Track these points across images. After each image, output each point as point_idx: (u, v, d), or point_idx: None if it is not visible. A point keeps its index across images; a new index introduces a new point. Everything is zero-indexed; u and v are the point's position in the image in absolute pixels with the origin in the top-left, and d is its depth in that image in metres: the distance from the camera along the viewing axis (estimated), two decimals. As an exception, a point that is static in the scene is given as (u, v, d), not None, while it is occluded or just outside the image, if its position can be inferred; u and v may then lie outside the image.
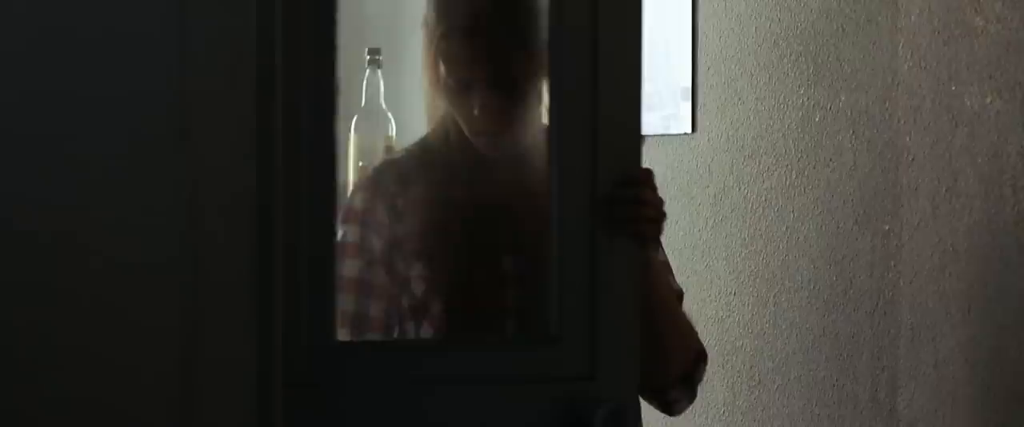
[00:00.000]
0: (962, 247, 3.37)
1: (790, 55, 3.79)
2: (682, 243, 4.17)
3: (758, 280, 3.92)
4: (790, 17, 3.79)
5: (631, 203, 2.08)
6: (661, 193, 4.24)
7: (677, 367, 2.41)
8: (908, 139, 3.47)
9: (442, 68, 2.26)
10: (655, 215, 2.15)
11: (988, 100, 3.30)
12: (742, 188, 3.96)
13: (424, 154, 2.42)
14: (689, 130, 4.12)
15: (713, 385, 4.06)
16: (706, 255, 4.09)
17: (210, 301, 1.45)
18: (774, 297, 3.87)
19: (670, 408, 2.48)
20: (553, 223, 2.05)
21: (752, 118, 3.92)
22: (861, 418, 3.62)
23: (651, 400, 2.45)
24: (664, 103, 4.20)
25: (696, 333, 2.47)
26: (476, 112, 2.26)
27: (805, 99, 3.75)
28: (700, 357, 2.45)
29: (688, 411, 4.12)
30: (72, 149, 1.37)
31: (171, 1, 1.41)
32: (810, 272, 3.76)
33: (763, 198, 3.90)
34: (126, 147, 1.39)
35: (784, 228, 3.83)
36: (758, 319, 3.92)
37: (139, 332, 1.42)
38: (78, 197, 1.38)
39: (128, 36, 1.39)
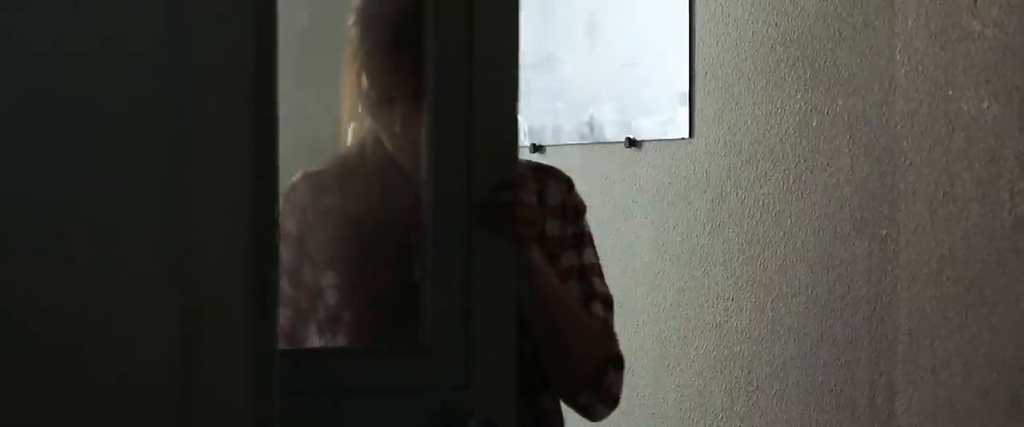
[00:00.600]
0: (959, 251, 3.37)
1: (787, 60, 3.80)
2: (680, 249, 4.17)
3: (756, 285, 3.92)
4: (787, 22, 3.79)
5: (506, 205, 2.04)
6: (659, 198, 4.27)
7: (580, 371, 2.37)
8: (905, 144, 3.48)
9: (365, 82, 2.26)
10: (530, 217, 2.10)
11: (985, 104, 3.30)
12: (739, 193, 3.96)
13: (341, 167, 2.43)
14: (686, 135, 4.12)
15: (711, 391, 4.06)
16: (704, 260, 4.09)
17: (207, 310, 1.45)
18: (772, 302, 3.87)
19: (587, 413, 2.44)
20: (428, 232, 2.01)
21: (749, 123, 3.92)
22: (859, 423, 3.61)
23: (568, 404, 2.43)
24: (661, 108, 4.20)
25: (607, 337, 2.42)
26: (398, 128, 2.26)
27: (802, 104, 3.76)
28: (610, 361, 2.40)
29: (686, 416, 4.14)
30: (66, 156, 1.37)
31: (169, 9, 1.41)
32: (808, 277, 3.76)
33: (760, 203, 3.90)
34: (122, 154, 1.39)
35: (782, 233, 3.83)
36: (756, 324, 3.92)
37: (135, 341, 1.42)
38: (73, 204, 1.38)
39: (124, 44, 1.39)
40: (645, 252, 4.30)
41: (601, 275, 2.46)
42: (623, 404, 4.40)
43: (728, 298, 4.01)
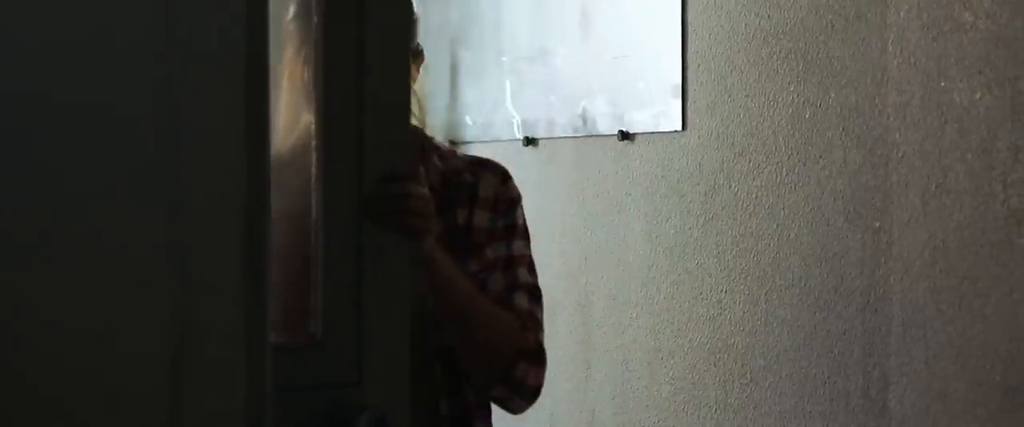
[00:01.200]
0: (952, 243, 3.38)
1: (780, 52, 3.80)
2: (673, 241, 4.17)
3: (749, 278, 3.92)
4: (780, 14, 3.79)
5: (395, 197, 1.98)
6: (652, 190, 4.27)
7: (489, 364, 2.34)
8: (898, 135, 3.48)
9: (308, 76, 2.24)
10: (420, 208, 2.05)
11: (977, 96, 3.31)
12: (733, 186, 3.96)
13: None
14: (679, 127, 4.12)
15: (705, 383, 4.06)
16: (697, 253, 4.09)
17: (199, 302, 1.45)
18: (765, 295, 3.87)
19: (504, 406, 2.42)
20: (319, 226, 1.95)
21: (742, 115, 3.92)
22: (853, 415, 3.62)
23: (486, 398, 2.41)
24: (654, 101, 4.20)
25: (522, 329, 2.37)
26: None
27: (795, 96, 3.76)
28: (521, 354, 2.35)
29: (680, 408, 4.15)
30: (55, 153, 1.37)
31: (159, 0, 1.41)
32: (801, 269, 3.76)
33: (754, 195, 3.90)
34: (112, 149, 1.39)
35: (775, 225, 3.84)
36: (749, 317, 3.93)
37: (128, 339, 1.42)
38: (62, 201, 1.38)
39: (114, 34, 1.39)
40: (638, 245, 4.31)
41: (530, 266, 2.44)
42: (618, 397, 4.42)
43: (722, 290, 4.01)
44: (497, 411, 2.48)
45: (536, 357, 2.37)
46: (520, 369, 2.34)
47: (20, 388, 1.37)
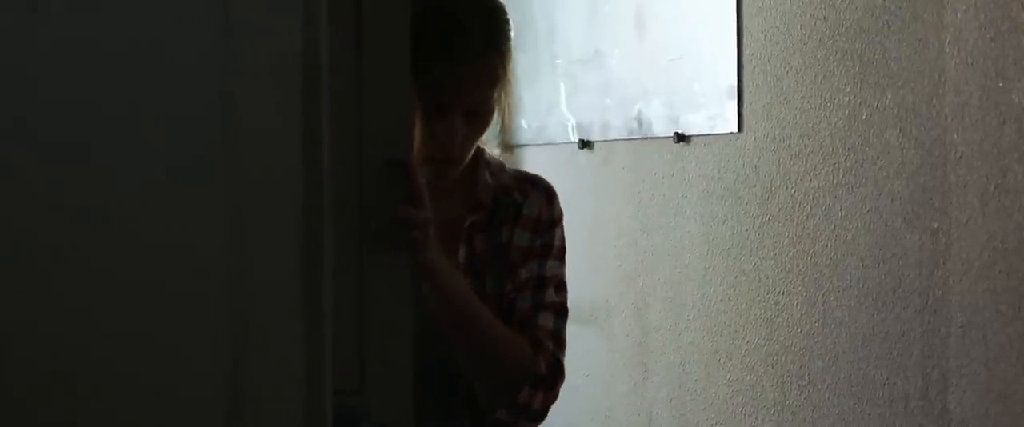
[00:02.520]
0: (1012, 244, 3.35)
1: (836, 53, 3.78)
2: (730, 243, 4.16)
3: (806, 280, 3.91)
4: (836, 15, 3.78)
5: (395, 198, 1.92)
6: (708, 193, 4.26)
7: (492, 386, 2.28)
8: (956, 136, 3.46)
9: (418, 87, 2.18)
10: (419, 220, 1.98)
11: (1036, 96, 3.28)
12: (789, 187, 3.95)
13: None
14: (735, 129, 4.11)
15: (763, 385, 4.05)
16: (754, 255, 4.08)
17: (259, 311, 1.45)
18: (823, 296, 3.86)
19: None
20: (316, 229, 1.92)
21: (799, 117, 3.91)
22: (912, 417, 3.60)
23: (492, 419, 2.33)
24: (710, 103, 4.19)
25: (533, 355, 2.29)
26: (441, 138, 2.22)
27: (852, 97, 3.74)
28: (526, 380, 2.28)
29: (738, 411, 4.14)
30: (116, 157, 1.38)
31: (216, 5, 1.42)
32: (859, 271, 3.74)
33: (811, 197, 3.89)
34: (170, 154, 1.40)
35: (832, 227, 3.82)
36: (807, 319, 3.91)
37: (187, 344, 1.43)
38: (121, 207, 1.39)
39: (173, 42, 1.40)
40: (695, 247, 4.30)
41: (559, 286, 2.38)
42: (675, 399, 4.41)
43: (779, 292, 4.00)
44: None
45: (545, 382, 2.29)
46: (525, 394, 2.27)
47: (78, 389, 1.38)
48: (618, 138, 4.59)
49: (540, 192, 2.40)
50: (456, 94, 2.21)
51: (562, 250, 2.41)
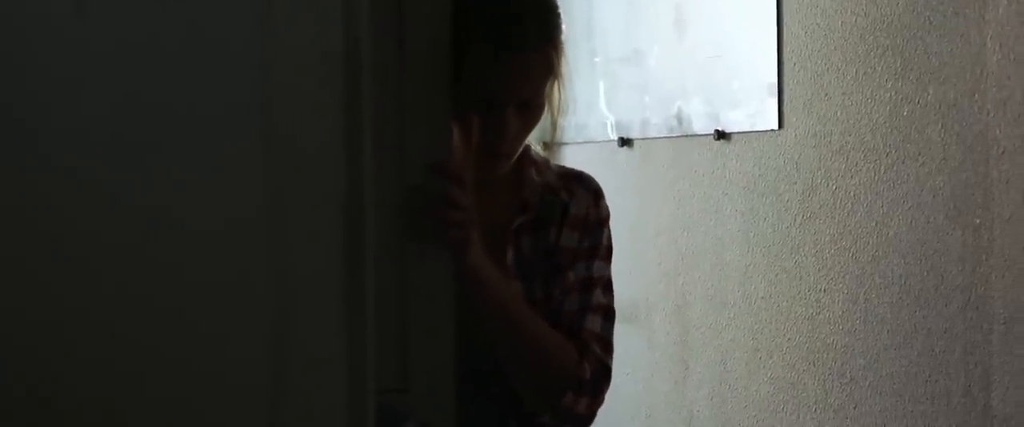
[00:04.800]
0: (1055, 240, 3.33)
1: (877, 49, 3.77)
2: (771, 241, 4.15)
3: (848, 276, 3.89)
4: (876, 11, 3.76)
5: (435, 197, 1.87)
6: (749, 190, 4.25)
7: (535, 390, 2.25)
8: (998, 131, 3.44)
9: (469, 80, 2.13)
10: (460, 218, 1.93)
11: (1079, 90, 3.27)
12: (830, 184, 3.94)
13: None
14: (776, 127, 4.10)
15: (804, 383, 4.04)
16: (795, 252, 4.07)
17: (300, 309, 1.46)
18: (864, 293, 3.84)
19: None
20: (357, 228, 1.87)
21: (839, 113, 3.90)
22: (954, 414, 3.58)
23: (536, 422, 2.31)
24: (750, 100, 4.18)
25: (579, 359, 2.25)
26: (493, 132, 2.18)
27: (893, 93, 3.73)
28: (570, 385, 2.24)
29: (780, 408, 4.12)
30: (156, 154, 1.39)
31: (257, 4, 1.42)
32: (901, 268, 3.73)
33: (852, 194, 3.87)
34: (212, 152, 1.41)
35: (874, 224, 3.81)
36: (849, 316, 3.90)
37: (229, 341, 1.43)
38: (165, 204, 1.40)
39: (213, 40, 1.40)
40: (736, 245, 4.29)
41: (606, 286, 2.34)
42: (716, 397, 4.41)
43: (820, 290, 3.99)
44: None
45: (591, 387, 2.26)
46: (569, 399, 2.23)
47: (123, 385, 1.39)
48: (658, 136, 4.58)
49: (587, 191, 2.36)
50: (510, 85, 2.17)
51: (609, 250, 2.38)
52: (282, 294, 1.42)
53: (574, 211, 2.33)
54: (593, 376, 2.26)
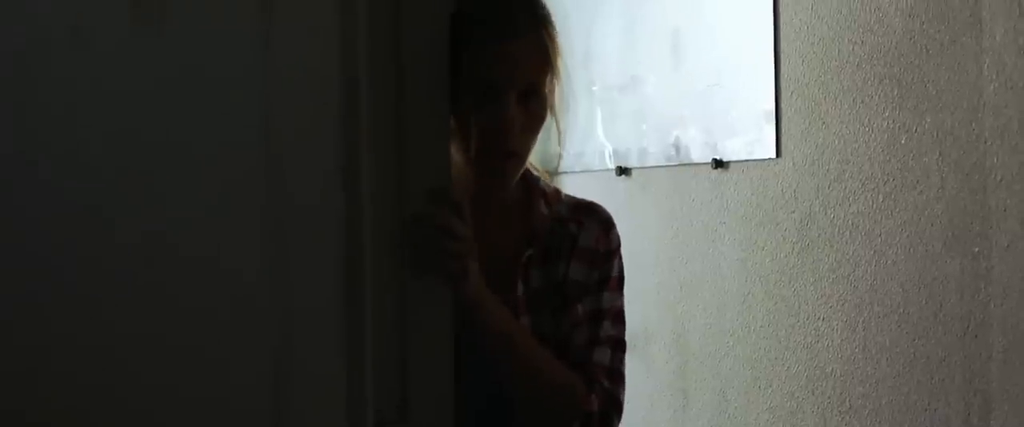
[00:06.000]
0: (1054, 268, 3.33)
1: (874, 77, 3.77)
2: (769, 269, 4.15)
3: (847, 305, 3.89)
4: (873, 39, 3.77)
5: (431, 228, 1.83)
6: (747, 218, 4.25)
7: (542, 424, 2.22)
8: (996, 160, 3.44)
9: (467, 74, 2.10)
10: (459, 250, 1.90)
11: (1077, 118, 3.27)
12: (828, 212, 3.94)
13: None
14: (774, 155, 4.10)
15: (804, 411, 4.03)
16: (794, 281, 4.06)
17: (300, 332, 1.46)
18: (863, 322, 3.84)
19: None
20: (357, 255, 1.82)
21: (837, 142, 3.90)
22: (954, 443, 3.57)
23: None
24: (748, 128, 4.18)
25: (586, 393, 2.23)
26: (496, 123, 2.14)
27: (890, 122, 3.73)
28: (577, 418, 2.21)
29: (778, 438, 4.11)
30: (156, 183, 1.39)
31: (257, 29, 1.42)
32: (899, 296, 3.72)
33: (850, 222, 3.87)
34: (211, 179, 1.40)
35: (872, 252, 3.80)
36: (848, 344, 3.89)
37: (228, 371, 1.43)
38: (163, 231, 1.39)
39: (213, 67, 1.40)
40: (734, 273, 4.28)
41: (615, 317, 2.34)
42: (716, 426, 4.39)
43: (819, 318, 3.98)
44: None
45: (597, 421, 2.24)
46: None
47: (133, 414, 1.39)
48: (656, 164, 4.58)
49: (596, 222, 2.34)
50: (508, 72, 2.15)
51: (620, 280, 2.37)
52: (283, 324, 1.42)
53: (582, 243, 2.31)
54: (602, 408, 2.25)
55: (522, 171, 2.28)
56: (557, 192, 2.39)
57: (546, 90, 2.24)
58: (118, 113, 1.37)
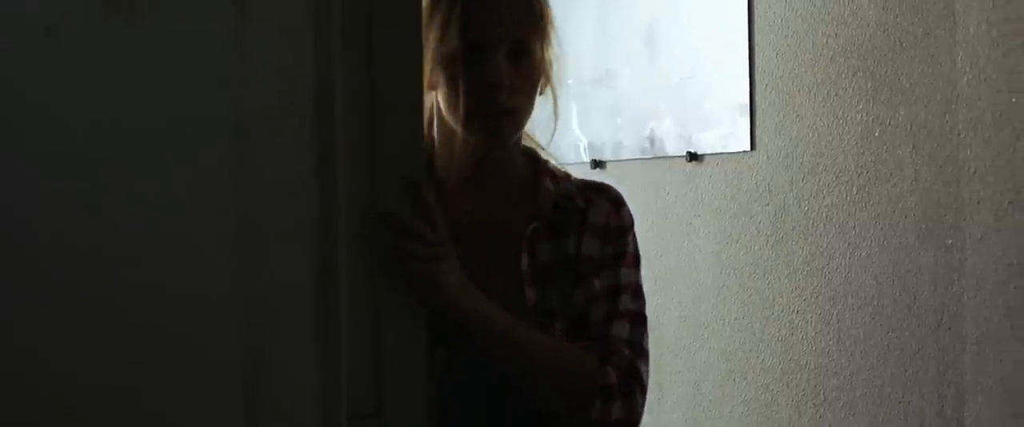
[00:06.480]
0: (1027, 260, 3.34)
1: (848, 70, 3.78)
2: (743, 262, 4.16)
3: (821, 297, 3.90)
4: (847, 32, 3.78)
5: (399, 232, 1.81)
6: (721, 211, 4.26)
7: (561, 406, 2.16)
8: (969, 152, 3.45)
9: (449, 31, 2.09)
10: (427, 254, 1.89)
11: (1049, 111, 3.28)
12: (802, 205, 3.94)
13: None
14: (748, 148, 4.11)
15: (778, 403, 4.04)
16: (768, 274, 4.07)
17: (274, 330, 1.45)
18: (837, 314, 3.85)
19: None
20: (331, 254, 1.70)
21: (811, 135, 3.90)
22: (928, 434, 3.59)
23: None
24: (722, 121, 4.19)
25: (600, 366, 2.17)
26: (488, 82, 2.11)
27: (864, 114, 3.74)
28: (594, 393, 2.15)
29: (753, 430, 4.12)
30: (126, 180, 1.38)
31: (228, 29, 1.42)
32: (873, 288, 3.73)
33: (824, 215, 3.88)
34: (182, 177, 1.40)
35: (846, 245, 3.81)
36: (822, 337, 3.90)
37: (201, 367, 1.43)
38: (134, 229, 1.39)
39: (184, 65, 1.40)
40: (709, 266, 4.29)
41: (634, 292, 2.32)
42: (690, 419, 4.40)
43: (793, 311, 3.99)
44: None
45: (617, 391, 2.19)
46: (597, 410, 2.16)
47: (102, 402, 1.38)
48: (630, 158, 4.58)
49: (605, 199, 2.32)
50: (492, 27, 2.14)
51: (636, 257, 2.34)
52: (256, 320, 1.42)
53: (593, 219, 2.28)
54: (621, 379, 2.20)
55: (519, 133, 2.25)
56: (567, 175, 2.37)
57: (537, 56, 2.23)
58: (90, 110, 1.37)
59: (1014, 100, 3.34)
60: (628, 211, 2.35)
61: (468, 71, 2.13)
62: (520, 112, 2.24)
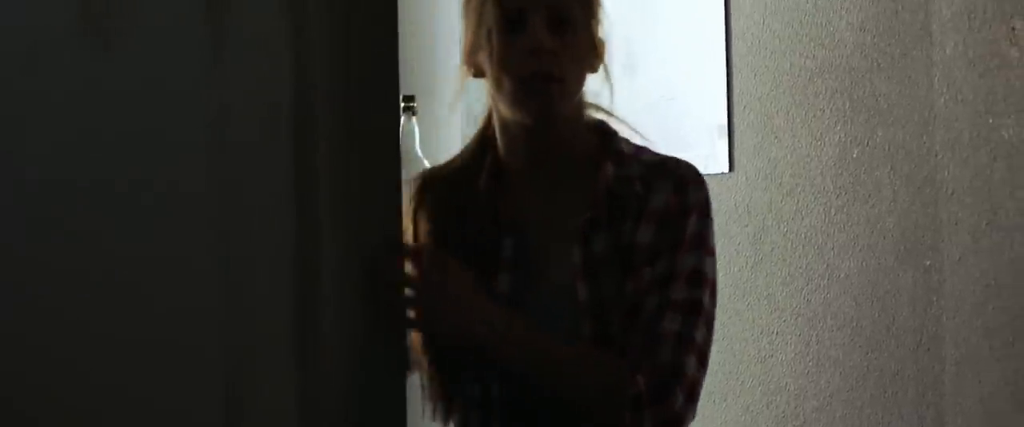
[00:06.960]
0: (1005, 280, 3.34)
1: (826, 91, 3.78)
2: (722, 283, 4.13)
3: (800, 319, 3.90)
4: (825, 53, 3.78)
5: (385, 285, 1.78)
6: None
7: (591, 418, 2.06)
8: (947, 173, 3.46)
9: (493, 10, 2.06)
10: (417, 291, 1.86)
11: (1027, 132, 3.28)
12: (781, 226, 3.94)
13: (457, 159, 2.26)
14: (726, 169, 4.10)
15: (758, 425, 4.03)
16: (747, 295, 4.07)
17: (250, 360, 1.44)
18: (816, 336, 3.84)
19: None
20: (310, 280, 1.67)
21: (789, 156, 3.91)
22: (908, 455, 3.58)
23: None
24: (700, 142, 4.19)
25: (629, 374, 2.03)
26: (528, 45, 2.06)
27: (842, 135, 3.74)
28: (626, 404, 2.02)
29: (732, 452, 4.11)
30: (100, 204, 1.37)
31: (205, 54, 1.41)
32: (852, 310, 3.73)
33: (802, 236, 3.88)
34: (158, 202, 1.39)
35: (824, 266, 3.81)
36: (801, 358, 3.90)
37: (179, 397, 1.41)
38: (109, 256, 1.38)
39: (160, 88, 1.39)
40: (687, 287, 4.28)
41: (691, 279, 2.14)
42: (669, 441, 4.37)
43: (772, 332, 3.99)
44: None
45: (648, 398, 2.04)
46: (628, 421, 2.03)
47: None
48: (608, 179, 4.57)
49: (669, 180, 2.20)
50: None
51: (699, 239, 2.18)
52: (234, 348, 1.41)
53: (653, 204, 2.16)
54: (652, 385, 2.05)
55: (570, 105, 2.20)
56: (637, 152, 2.26)
57: (581, 27, 2.16)
58: (65, 129, 1.36)
59: (991, 121, 3.35)
60: (696, 192, 2.22)
61: (507, 37, 2.08)
62: (568, 81, 2.17)
